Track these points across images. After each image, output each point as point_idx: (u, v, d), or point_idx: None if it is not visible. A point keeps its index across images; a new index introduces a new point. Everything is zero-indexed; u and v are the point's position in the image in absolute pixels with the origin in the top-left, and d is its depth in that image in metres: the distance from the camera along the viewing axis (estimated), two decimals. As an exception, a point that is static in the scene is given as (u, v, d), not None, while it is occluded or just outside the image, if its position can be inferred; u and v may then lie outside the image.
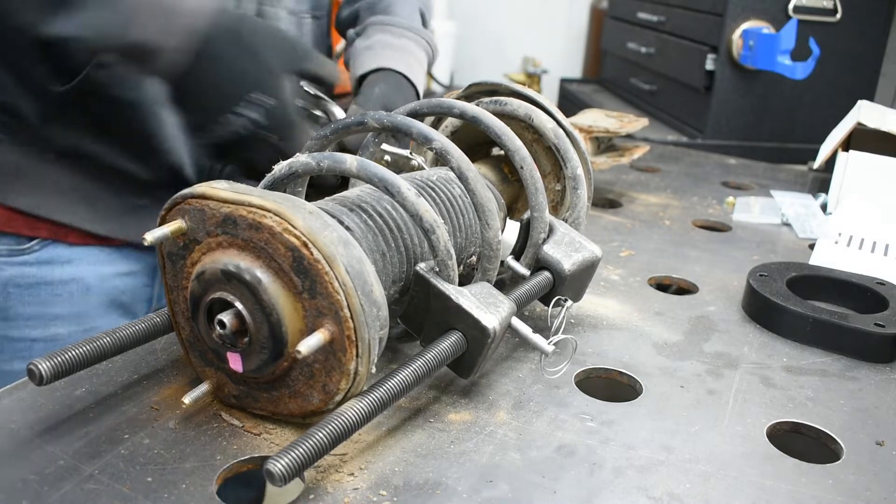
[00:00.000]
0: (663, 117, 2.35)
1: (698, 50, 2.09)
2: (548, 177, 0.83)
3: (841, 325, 0.76)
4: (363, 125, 0.65)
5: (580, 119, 1.24)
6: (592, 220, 1.12)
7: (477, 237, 0.73)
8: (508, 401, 0.64)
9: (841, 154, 1.19)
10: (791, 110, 2.09)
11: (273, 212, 0.52)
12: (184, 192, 0.55)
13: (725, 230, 1.13)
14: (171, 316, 0.61)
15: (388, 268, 0.63)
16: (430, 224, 0.58)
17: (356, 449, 0.56)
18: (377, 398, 0.53)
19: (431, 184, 0.71)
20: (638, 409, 0.65)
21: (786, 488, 0.55)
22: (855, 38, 2.02)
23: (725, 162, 1.55)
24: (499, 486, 0.53)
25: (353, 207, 0.63)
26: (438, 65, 3.08)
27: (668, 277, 0.94)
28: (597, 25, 3.41)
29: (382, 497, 0.52)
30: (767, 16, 1.98)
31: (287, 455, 0.47)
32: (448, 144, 0.63)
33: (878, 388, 0.70)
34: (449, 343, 0.59)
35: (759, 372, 0.72)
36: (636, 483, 0.55)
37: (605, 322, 0.80)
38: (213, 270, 0.54)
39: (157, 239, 0.54)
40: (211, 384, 0.58)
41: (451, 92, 0.86)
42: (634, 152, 1.24)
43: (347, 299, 0.51)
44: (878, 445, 0.62)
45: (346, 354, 0.52)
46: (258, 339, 0.53)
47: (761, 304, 0.82)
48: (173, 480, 0.51)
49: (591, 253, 0.74)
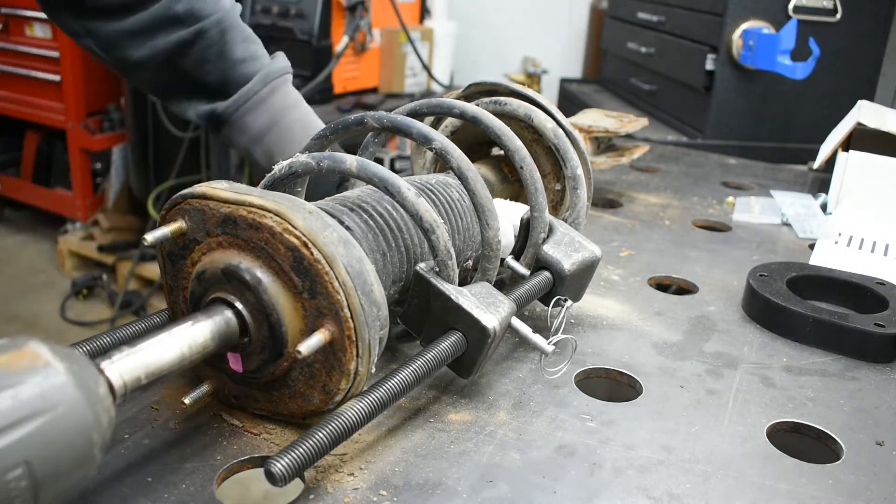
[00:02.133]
0: (663, 117, 2.35)
1: (698, 50, 2.09)
2: (547, 177, 0.83)
3: (841, 325, 0.76)
4: (363, 125, 0.65)
5: (580, 119, 1.24)
6: (592, 220, 1.12)
7: (475, 240, 0.73)
8: (508, 401, 0.64)
9: (841, 154, 1.19)
10: (791, 110, 2.09)
11: (273, 212, 0.52)
12: (184, 192, 0.55)
13: (725, 230, 1.13)
14: (170, 316, 0.61)
15: (389, 268, 0.63)
16: (430, 224, 0.58)
17: (356, 449, 0.56)
18: (377, 398, 0.53)
19: (430, 187, 0.71)
20: (638, 409, 0.65)
21: (786, 488, 0.55)
22: (855, 38, 2.02)
23: (725, 162, 1.54)
24: (499, 486, 0.53)
25: (353, 207, 0.63)
26: (439, 65, 3.08)
27: (668, 277, 0.94)
28: (597, 25, 3.41)
29: (382, 497, 0.52)
30: (767, 16, 1.98)
31: (287, 455, 0.47)
32: (448, 144, 0.63)
33: (878, 388, 0.70)
34: (449, 343, 0.59)
35: (759, 372, 0.72)
36: (636, 483, 0.55)
37: (605, 322, 0.80)
38: (213, 270, 0.54)
39: (157, 239, 0.54)
40: (211, 384, 0.58)
41: (451, 92, 0.86)
42: (634, 152, 1.24)
43: (348, 299, 0.51)
44: (878, 445, 0.62)
45: (347, 354, 0.52)
46: (258, 339, 0.53)
47: (761, 304, 0.82)
48: (173, 480, 0.51)
49: (591, 253, 0.74)
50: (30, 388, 0.37)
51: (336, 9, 2.56)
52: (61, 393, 0.38)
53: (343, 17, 2.61)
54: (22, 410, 0.37)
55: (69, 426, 0.39)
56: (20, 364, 0.38)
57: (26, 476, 0.37)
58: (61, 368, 0.39)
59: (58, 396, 0.38)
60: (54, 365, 0.39)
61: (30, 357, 0.39)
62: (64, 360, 0.40)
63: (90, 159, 3.30)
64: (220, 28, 0.91)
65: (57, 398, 0.38)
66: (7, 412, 0.36)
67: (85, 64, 3.12)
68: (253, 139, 0.95)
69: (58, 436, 0.38)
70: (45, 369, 0.39)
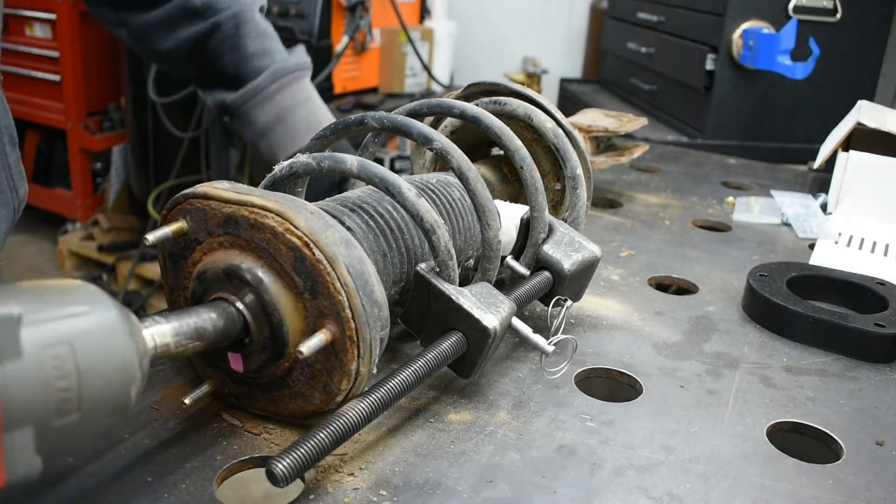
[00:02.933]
0: (663, 117, 2.35)
1: (698, 50, 2.09)
2: (547, 176, 0.83)
3: (841, 325, 0.76)
4: (363, 125, 0.65)
5: (579, 119, 1.24)
6: (592, 220, 1.12)
7: (475, 240, 0.73)
8: (508, 401, 0.64)
9: (841, 154, 1.19)
10: (791, 110, 2.09)
11: (275, 212, 0.52)
12: (185, 192, 0.55)
13: (725, 230, 1.13)
14: (171, 316, 0.61)
15: (389, 268, 0.63)
16: (431, 224, 0.58)
17: (356, 449, 0.56)
18: (378, 398, 0.53)
19: (431, 186, 0.71)
20: (638, 409, 0.65)
21: (786, 488, 0.56)
22: (855, 38, 2.03)
23: (725, 162, 1.55)
24: (499, 486, 0.53)
25: (354, 208, 0.63)
26: (439, 65, 3.08)
27: (668, 277, 0.94)
28: (597, 25, 3.41)
29: (382, 497, 0.52)
30: (767, 16, 1.98)
31: (289, 455, 0.47)
32: (448, 145, 0.63)
33: (878, 388, 0.71)
34: (449, 343, 0.59)
35: (759, 372, 0.72)
36: (636, 483, 0.55)
37: (605, 322, 0.80)
38: (214, 270, 0.54)
39: (158, 239, 0.54)
40: (211, 384, 0.58)
41: (450, 92, 0.86)
42: (634, 151, 1.24)
43: (349, 299, 0.51)
44: (878, 445, 0.62)
45: (348, 355, 0.52)
46: (259, 340, 0.53)
47: (761, 304, 0.82)
48: (173, 480, 0.52)
49: (591, 253, 0.74)
50: (81, 298, 0.40)
51: (336, 9, 2.56)
52: (107, 312, 0.41)
53: (343, 17, 2.61)
54: (71, 309, 0.39)
55: (111, 339, 0.41)
56: (71, 285, 0.41)
57: (71, 357, 0.38)
58: (108, 301, 0.42)
59: (104, 315, 0.41)
60: (103, 296, 0.42)
61: (81, 286, 0.41)
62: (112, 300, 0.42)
63: (90, 159, 3.30)
64: (235, 22, 0.95)
65: (104, 316, 0.41)
66: (57, 305, 0.39)
67: (85, 64, 3.12)
68: (258, 133, 0.97)
69: (101, 339, 0.40)
70: (96, 294, 0.41)
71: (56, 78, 3.17)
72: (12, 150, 0.77)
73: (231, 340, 0.53)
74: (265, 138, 0.97)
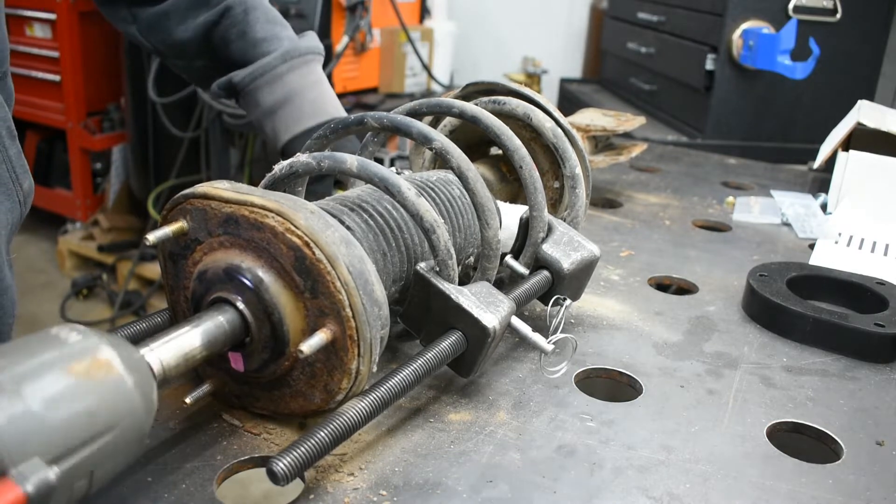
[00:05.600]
0: (663, 117, 2.35)
1: (698, 50, 2.09)
2: (546, 175, 0.83)
3: (841, 325, 0.76)
4: (363, 125, 0.65)
5: (577, 118, 1.24)
6: (592, 219, 1.12)
7: (475, 238, 0.73)
8: (508, 401, 0.64)
9: (841, 154, 1.19)
10: (791, 110, 2.09)
11: (275, 212, 0.52)
12: (185, 192, 0.55)
13: (725, 230, 1.13)
14: (171, 316, 0.61)
15: (389, 267, 0.63)
16: (431, 224, 0.58)
17: (356, 449, 0.56)
18: (378, 397, 0.53)
19: (431, 184, 0.71)
20: (638, 409, 0.65)
21: (786, 488, 0.56)
22: (855, 38, 2.03)
23: (725, 162, 1.55)
24: (499, 486, 0.53)
25: (353, 207, 0.63)
26: (438, 65, 3.08)
27: (668, 277, 0.94)
28: (597, 25, 3.41)
29: (382, 497, 0.52)
30: (767, 16, 1.98)
31: (290, 454, 0.47)
32: (448, 144, 0.63)
33: (878, 388, 0.71)
34: (449, 342, 0.59)
35: (759, 372, 0.72)
36: (636, 483, 0.55)
37: (605, 322, 0.80)
38: (215, 270, 0.54)
39: (158, 238, 0.54)
40: (212, 384, 0.58)
41: (448, 92, 0.86)
42: (632, 150, 1.24)
43: (349, 299, 0.51)
44: (878, 445, 0.62)
45: (348, 354, 0.52)
46: (260, 339, 0.53)
47: (761, 304, 0.82)
48: (173, 480, 0.52)
49: (590, 252, 0.74)
50: (105, 405, 0.41)
51: (336, 9, 2.56)
52: (129, 405, 0.42)
53: (343, 17, 2.61)
54: (96, 428, 0.41)
55: (131, 437, 0.43)
56: (97, 375, 0.41)
57: (88, 482, 0.41)
58: (130, 383, 0.42)
59: (125, 408, 0.42)
60: (126, 379, 0.42)
61: (105, 368, 0.42)
62: (132, 372, 0.43)
63: (90, 159, 3.31)
64: (244, 7, 0.95)
65: (125, 410, 0.42)
66: (84, 429, 0.40)
67: (85, 64, 3.13)
68: (264, 113, 0.96)
69: (121, 446, 0.42)
70: (117, 384, 0.42)
71: (56, 78, 3.17)
72: (11, 142, 0.76)
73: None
74: (270, 119, 0.96)
